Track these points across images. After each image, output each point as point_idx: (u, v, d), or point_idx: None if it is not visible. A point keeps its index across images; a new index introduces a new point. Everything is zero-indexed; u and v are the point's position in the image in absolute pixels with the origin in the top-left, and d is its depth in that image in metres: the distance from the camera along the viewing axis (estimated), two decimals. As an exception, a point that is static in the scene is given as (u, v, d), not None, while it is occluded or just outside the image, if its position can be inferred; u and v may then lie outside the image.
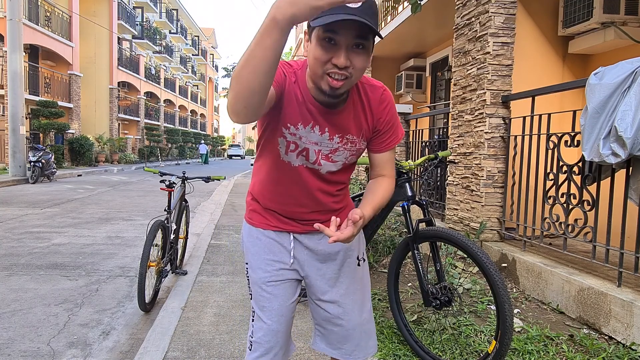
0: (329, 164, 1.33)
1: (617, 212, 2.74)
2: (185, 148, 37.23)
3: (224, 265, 4.20)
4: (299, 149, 1.29)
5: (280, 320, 1.39)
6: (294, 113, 1.24)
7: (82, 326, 2.98)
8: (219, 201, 9.13)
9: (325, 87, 1.15)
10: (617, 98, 2.56)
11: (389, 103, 1.34)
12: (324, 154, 1.30)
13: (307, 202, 1.38)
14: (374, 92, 1.31)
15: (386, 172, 1.41)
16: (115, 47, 24.75)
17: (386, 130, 1.35)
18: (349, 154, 1.33)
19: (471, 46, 4.24)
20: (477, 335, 2.59)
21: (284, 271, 1.41)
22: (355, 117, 1.29)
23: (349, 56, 1.11)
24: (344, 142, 1.30)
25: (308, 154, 1.30)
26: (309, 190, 1.36)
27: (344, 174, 1.41)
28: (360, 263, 1.52)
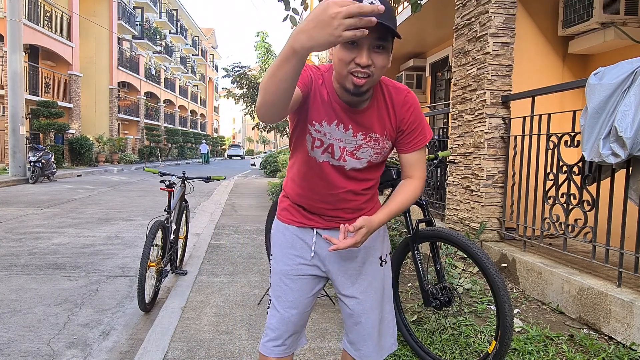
0: (354, 160, 1.39)
1: (617, 212, 2.74)
2: (185, 148, 37.23)
3: (224, 266, 4.20)
4: (324, 146, 1.37)
5: (292, 312, 1.48)
6: (320, 111, 1.34)
7: (82, 326, 2.98)
8: (219, 201, 9.13)
9: (349, 86, 1.24)
10: (617, 98, 2.56)
11: (412, 105, 1.38)
12: (348, 150, 1.37)
13: (331, 199, 1.44)
14: (398, 94, 1.37)
15: (413, 173, 1.44)
16: (115, 47, 24.75)
17: (411, 131, 1.39)
18: (373, 152, 1.39)
19: (471, 46, 4.24)
20: (477, 335, 2.59)
21: (303, 266, 1.49)
22: (379, 117, 1.36)
23: (371, 56, 1.19)
24: (367, 140, 1.37)
25: (333, 150, 1.37)
26: (334, 187, 1.42)
27: (370, 173, 1.44)
28: (383, 264, 1.54)
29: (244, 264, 4.29)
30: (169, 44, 36.58)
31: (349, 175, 1.41)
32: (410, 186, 1.45)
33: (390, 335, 1.57)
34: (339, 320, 2.91)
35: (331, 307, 3.14)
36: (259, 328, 2.78)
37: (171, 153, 33.87)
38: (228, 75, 24.95)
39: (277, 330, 1.50)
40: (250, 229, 6.11)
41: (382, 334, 1.54)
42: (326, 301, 3.23)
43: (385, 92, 1.37)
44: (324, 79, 1.35)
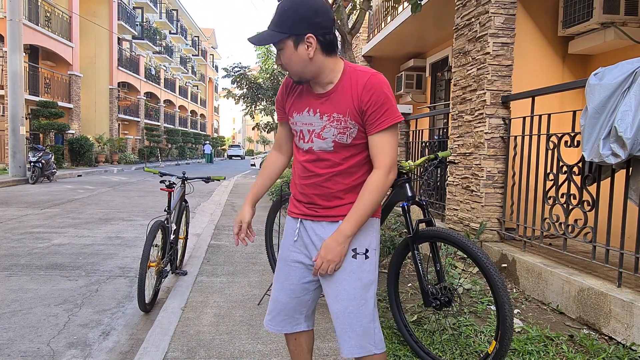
0: (320, 141, 1.51)
1: (617, 212, 2.74)
2: (185, 148, 37.23)
3: (223, 266, 4.20)
4: (297, 134, 1.58)
5: (280, 294, 1.65)
6: (292, 107, 1.59)
7: (82, 326, 2.98)
8: (219, 201, 9.13)
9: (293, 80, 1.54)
10: (617, 98, 2.56)
11: (373, 86, 1.43)
12: (316, 132, 1.51)
13: (306, 186, 1.57)
14: (361, 77, 1.46)
15: (378, 162, 1.46)
16: (115, 48, 24.75)
17: (372, 112, 1.43)
18: (337, 131, 1.48)
19: (471, 46, 4.24)
20: (477, 335, 2.59)
21: (292, 253, 1.63)
22: (341, 98, 1.48)
23: (280, 57, 1.47)
24: (330, 120, 1.49)
25: (303, 135, 1.55)
26: (306, 171, 1.56)
27: (338, 155, 1.51)
28: (358, 257, 1.52)
29: (244, 264, 4.29)
30: (169, 44, 36.58)
31: (319, 157, 1.53)
32: (370, 179, 1.46)
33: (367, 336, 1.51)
34: (339, 320, 2.91)
35: (331, 307, 3.13)
36: (259, 328, 2.78)
37: (171, 153, 33.86)
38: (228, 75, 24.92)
39: (271, 307, 1.70)
40: (250, 229, 6.10)
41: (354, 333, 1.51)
42: (326, 302, 3.23)
43: (353, 77, 1.47)
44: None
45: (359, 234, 1.52)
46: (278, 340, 2.60)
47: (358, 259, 1.52)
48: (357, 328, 1.51)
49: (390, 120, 1.43)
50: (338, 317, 1.53)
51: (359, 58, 9.85)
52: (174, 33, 38.10)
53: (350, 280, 1.51)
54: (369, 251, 1.55)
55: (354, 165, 1.52)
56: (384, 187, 1.45)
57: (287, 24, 1.41)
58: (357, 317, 1.51)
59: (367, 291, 1.53)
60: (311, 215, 1.58)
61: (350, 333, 1.52)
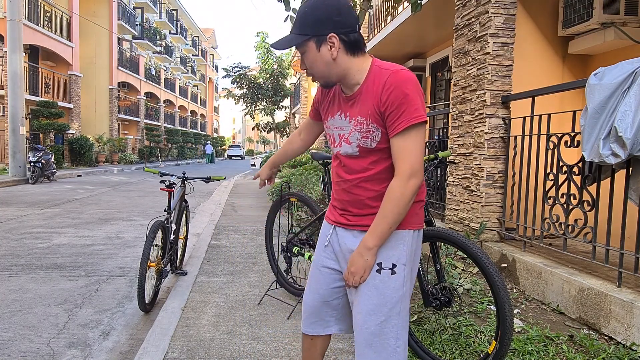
0: (346, 145, 1.48)
1: (617, 212, 2.74)
2: (185, 148, 37.23)
3: (223, 266, 4.20)
4: (330, 138, 1.56)
5: (310, 296, 1.65)
6: (327, 111, 1.58)
7: (82, 326, 2.98)
8: (219, 201, 9.13)
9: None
10: (617, 98, 2.56)
11: (392, 84, 1.35)
12: (345, 137, 1.48)
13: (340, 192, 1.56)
14: (383, 75, 1.39)
15: (397, 168, 1.37)
16: (115, 48, 24.75)
17: (390, 113, 1.36)
18: (360, 135, 1.43)
19: (471, 46, 4.24)
20: (477, 335, 2.59)
21: (323, 258, 1.62)
22: (364, 100, 1.42)
23: (304, 61, 1.46)
24: (355, 124, 1.45)
25: (334, 140, 1.53)
26: (338, 177, 1.56)
27: (363, 160, 1.46)
28: (382, 272, 1.44)
29: (244, 264, 4.29)
30: (169, 44, 36.58)
31: (346, 161, 1.51)
32: (389, 187, 1.39)
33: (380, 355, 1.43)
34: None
35: (331, 307, 3.13)
36: (259, 328, 2.78)
37: (171, 153, 33.86)
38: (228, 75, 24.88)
39: (304, 307, 1.68)
40: (250, 229, 6.11)
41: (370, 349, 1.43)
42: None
43: (376, 76, 1.40)
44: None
45: (386, 248, 1.44)
46: (278, 341, 2.60)
47: (382, 274, 1.44)
48: (376, 344, 1.43)
49: (406, 121, 1.33)
50: (356, 329, 1.47)
51: (359, 58, 9.84)
52: (174, 33, 38.10)
53: (370, 295, 1.44)
54: (397, 266, 1.44)
55: (383, 171, 1.44)
56: (405, 196, 1.34)
57: (308, 26, 1.38)
58: (375, 333, 1.43)
59: (391, 308, 1.43)
60: (344, 223, 1.54)
61: (365, 349, 1.44)
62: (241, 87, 24.65)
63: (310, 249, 3.25)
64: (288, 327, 2.81)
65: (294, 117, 25.02)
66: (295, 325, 2.84)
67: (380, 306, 1.43)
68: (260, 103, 25.19)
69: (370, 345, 1.43)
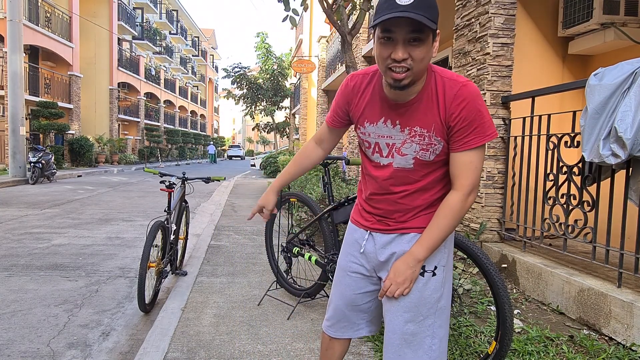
0: (399, 157, 1.37)
1: (617, 212, 2.74)
2: (185, 149, 37.25)
3: (223, 266, 4.20)
4: (372, 146, 1.42)
5: (339, 302, 1.58)
6: (363, 114, 1.42)
7: (81, 327, 2.97)
8: (219, 202, 9.13)
9: (390, 80, 1.26)
10: (617, 99, 2.56)
11: (466, 99, 1.27)
12: (397, 147, 1.36)
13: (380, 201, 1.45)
14: (452, 87, 1.29)
15: (456, 182, 1.32)
16: (115, 48, 24.76)
17: (461, 128, 1.28)
18: (419, 147, 1.33)
19: (471, 47, 4.24)
20: (477, 336, 2.59)
21: (353, 264, 1.54)
22: (427, 110, 1.31)
23: (407, 50, 1.20)
24: (411, 135, 1.33)
25: (381, 149, 1.40)
26: (383, 189, 1.44)
27: (416, 172, 1.37)
28: (426, 274, 1.41)
29: (244, 264, 4.29)
30: (169, 45, 36.59)
31: (396, 174, 1.39)
32: (446, 201, 1.33)
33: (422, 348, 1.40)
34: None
35: (331, 307, 3.13)
36: (259, 329, 2.78)
37: (171, 154, 33.87)
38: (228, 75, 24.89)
39: (329, 312, 1.63)
40: (250, 229, 6.11)
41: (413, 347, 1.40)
42: (326, 302, 3.23)
43: (439, 85, 1.30)
44: (372, 80, 1.40)
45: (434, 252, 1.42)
46: (278, 341, 2.60)
47: (425, 276, 1.41)
48: (413, 342, 1.41)
49: (480, 139, 1.28)
50: (392, 330, 1.43)
51: (359, 59, 9.84)
52: (174, 33, 38.12)
53: (412, 297, 1.40)
54: (438, 268, 1.43)
55: (432, 181, 1.40)
56: (462, 211, 1.31)
57: (435, 15, 1.19)
58: (413, 332, 1.40)
59: (429, 308, 1.41)
60: (382, 229, 1.46)
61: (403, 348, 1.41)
62: (241, 88, 24.67)
63: (310, 249, 3.25)
64: (288, 327, 2.81)
65: (294, 118, 25.03)
66: (295, 325, 2.84)
67: (419, 307, 1.40)
68: (260, 103, 25.21)
69: (408, 344, 1.41)
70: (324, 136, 1.64)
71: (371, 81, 1.41)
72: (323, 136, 1.64)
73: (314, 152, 1.67)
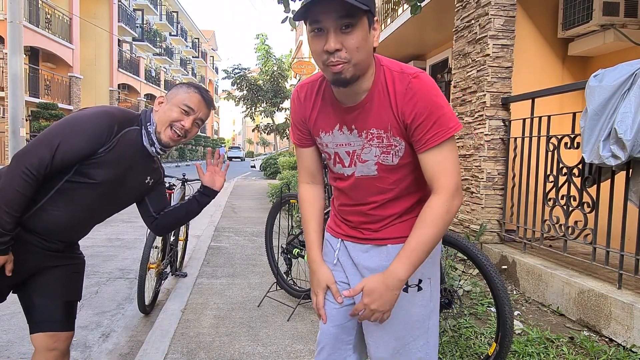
0: (361, 165, 1.23)
1: (617, 214, 2.74)
2: (185, 150, 37.25)
3: (223, 268, 4.19)
4: (332, 157, 1.28)
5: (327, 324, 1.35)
6: (317, 125, 1.27)
7: (81, 328, 2.97)
8: (219, 203, 9.12)
9: (329, 76, 1.12)
10: (616, 100, 2.56)
11: (417, 92, 1.12)
12: (357, 154, 1.23)
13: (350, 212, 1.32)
14: (402, 80, 1.14)
15: (436, 185, 1.15)
16: (116, 49, 24.78)
17: (418, 125, 1.13)
18: (379, 151, 1.19)
19: (471, 48, 4.24)
20: (478, 337, 2.59)
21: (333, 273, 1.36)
22: (380, 109, 1.17)
23: (339, 39, 1.06)
24: (368, 138, 1.20)
25: (342, 159, 1.26)
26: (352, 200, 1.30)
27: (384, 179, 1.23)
28: (409, 289, 1.25)
29: (244, 265, 4.29)
30: (169, 46, 36.63)
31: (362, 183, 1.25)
32: (427, 208, 1.15)
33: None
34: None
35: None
36: (259, 330, 2.77)
37: (171, 155, 33.88)
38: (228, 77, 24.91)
39: (317, 338, 1.40)
40: (250, 230, 6.11)
41: None
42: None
43: (389, 80, 1.16)
44: (322, 86, 1.26)
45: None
46: (278, 342, 2.60)
47: (409, 292, 1.25)
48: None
49: (442, 134, 1.12)
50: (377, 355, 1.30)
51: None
52: (174, 35, 38.15)
53: (397, 318, 1.24)
54: (423, 281, 1.27)
55: (408, 186, 1.24)
56: (448, 216, 1.13)
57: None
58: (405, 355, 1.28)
59: (418, 327, 1.27)
60: (356, 237, 1.32)
61: None
62: (241, 89, 24.68)
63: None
64: (288, 328, 2.80)
65: (294, 119, 25.01)
66: (295, 327, 2.83)
67: (407, 328, 1.27)
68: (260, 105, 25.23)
69: None
70: (311, 167, 1.38)
71: (320, 87, 1.26)
72: (310, 168, 1.38)
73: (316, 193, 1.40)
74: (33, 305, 1.56)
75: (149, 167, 1.67)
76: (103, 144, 1.46)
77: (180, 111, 1.57)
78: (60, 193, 1.49)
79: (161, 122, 1.57)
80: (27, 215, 1.47)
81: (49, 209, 1.49)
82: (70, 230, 1.57)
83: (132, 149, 1.56)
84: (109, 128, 1.47)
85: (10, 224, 1.38)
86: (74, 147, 1.42)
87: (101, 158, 1.47)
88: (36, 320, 1.56)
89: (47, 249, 1.54)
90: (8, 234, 1.38)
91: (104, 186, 1.53)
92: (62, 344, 1.58)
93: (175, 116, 1.57)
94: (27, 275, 1.55)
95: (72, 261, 1.65)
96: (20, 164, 1.38)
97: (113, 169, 1.52)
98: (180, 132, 1.57)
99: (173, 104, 1.59)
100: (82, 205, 1.53)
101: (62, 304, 1.59)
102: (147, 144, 1.59)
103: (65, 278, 1.61)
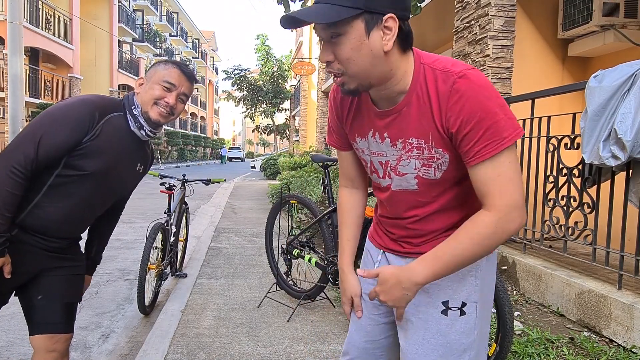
0: (398, 178, 1.09)
1: (617, 214, 2.74)
2: (185, 151, 37.25)
3: (223, 268, 4.19)
4: (367, 165, 1.17)
5: (357, 334, 1.27)
6: (353, 128, 1.16)
7: (81, 329, 2.97)
8: (219, 204, 9.13)
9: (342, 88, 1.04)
10: (616, 101, 2.56)
11: (463, 95, 0.94)
12: (392, 165, 1.08)
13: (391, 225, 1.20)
14: (445, 80, 0.96)
15: (488, 203, 0.97)
16: (116, 50, 24.80)
17: (466, 134, 0.95)
18: (419, 163, 1.04)
19: (471, 49, 4.24)
20: (478, 338, 2.58)
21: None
22: (420, 115, 1.00)
23: (331, 49, 0.97)
24: (406, 149, 1.04)
25: (375, 168, 1.14)
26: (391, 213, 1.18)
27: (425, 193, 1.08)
28: (450, 312, 1.09)
29: (244, 266, 4.29)
30: (169, 47, 36.65)
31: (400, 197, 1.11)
32: (476, 220, 0.98)
33: None
34: (339, 322, 2.91)
35: (331, 309, 3.13)
36: (259, 331, 2.77)
37: (171, 155, 33.88)
38: (228, 77, 24.92)
39: (345, 347, 1.31)
40: (250, 231, 6.11)
41: None
42: (326, 304, 3.23)
43: (430, 80, 0.99)
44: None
45: (452, 280, 1.09)
46: (278, 343, 2.60)
47: (450, 315, 1.09)
48: None
49: (495, 145, 0.93)
50: None
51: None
52: (174, 35, 38.18)
53: (434, 342, 1.10)
54: (467, 305, 1.09)
55: (452, 199, 1.09)
56: (495, 237, 0.96)
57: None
58: None
59: (457, 357, 1.10)
60: (397, 250, 1.19)
61: None
62: (241, 90, 24.72)
63: (310, 251, 3.25)
64: (288, 329, 2.80)
65: (294, 120, 25.05)
66: (295, 327, 2.83)
67: (442, 354, 1.10)
68: (260, 105, 25.26)
69: None
70: (349, 170, 1.26)
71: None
72: (348, 171, 1.27)
73: (354, 198, 1.29)
74: (33, 307, 1.56)
75: (140, 154, 1.65)
76: (86, 132, 1.44)
77: (162, 88, 1.53)
78: (53, 189, 1.48)
79: (145, 102, 1.54)
80: (23, 214, 1.46)
81: (44, 205, 1.48)
82: (68, 225, 1.56)
83: (118, 135, 1.53)
84: (90, 115, 1.45)
85: (4, 225, 1.37)
86: (56, 138, 1.41)
87: (87, 148, 1.45)
88: (36, 321, 1.55)
89: (46, 249, 1.53)
90: (3, 235, 1.37)
91: (96, 176, 1.51)
92: (61, 345, 1.58)
93: (157, 94, 1.53)
94: (27, 278, 1.54)
95: (73, 263, 1.64)
96: (7, 163, 1.36)
97: (102, 157, 1.49)
98: (165, 109, 1.54)
99: (153, 82, 1.55)
100: (77, 198, 1.51)
101: (62, 306, 1.59)
102: (135, 129, 1.56)
103: (65, 280, 1.60)
